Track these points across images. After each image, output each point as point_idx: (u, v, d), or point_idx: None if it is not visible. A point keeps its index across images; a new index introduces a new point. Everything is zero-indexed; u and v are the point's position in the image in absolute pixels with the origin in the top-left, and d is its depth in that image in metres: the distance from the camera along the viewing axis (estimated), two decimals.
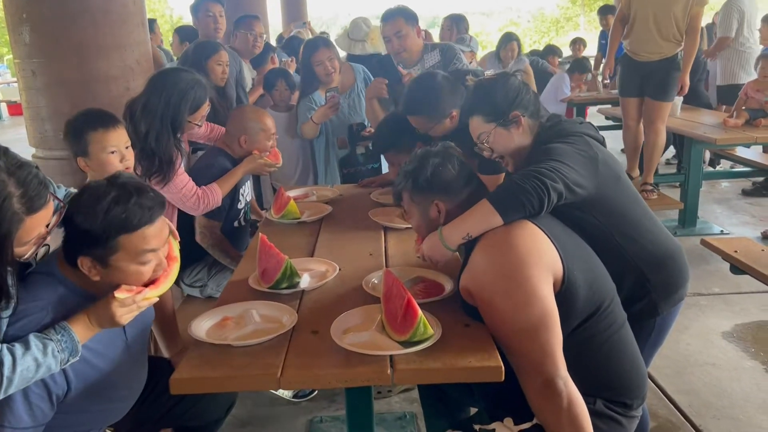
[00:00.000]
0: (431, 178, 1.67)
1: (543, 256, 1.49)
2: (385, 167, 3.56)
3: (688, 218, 4.73)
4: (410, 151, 2.51)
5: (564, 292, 1.49)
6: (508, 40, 6.42)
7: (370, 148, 3.53)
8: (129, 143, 2.11)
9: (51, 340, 1.39)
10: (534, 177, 1.57)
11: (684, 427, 2.54)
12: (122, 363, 1.61)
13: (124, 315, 1.48)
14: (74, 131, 2.06)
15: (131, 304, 1.48)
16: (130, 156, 2.10)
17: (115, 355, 1.59)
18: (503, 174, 2.32)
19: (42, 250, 1.56)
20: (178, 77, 2.46)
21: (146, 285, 1.53)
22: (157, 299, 1.56)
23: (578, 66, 6.87)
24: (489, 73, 1.90)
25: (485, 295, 1.49)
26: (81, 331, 1.44)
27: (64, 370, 1.45)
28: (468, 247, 1.61)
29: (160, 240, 1.50)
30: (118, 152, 2.05)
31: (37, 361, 1.36)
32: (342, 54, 5.10)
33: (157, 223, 1.48)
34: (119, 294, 1.46)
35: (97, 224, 1.41)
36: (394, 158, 2.65)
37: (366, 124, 3.49)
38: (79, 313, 1.46)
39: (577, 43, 8.36)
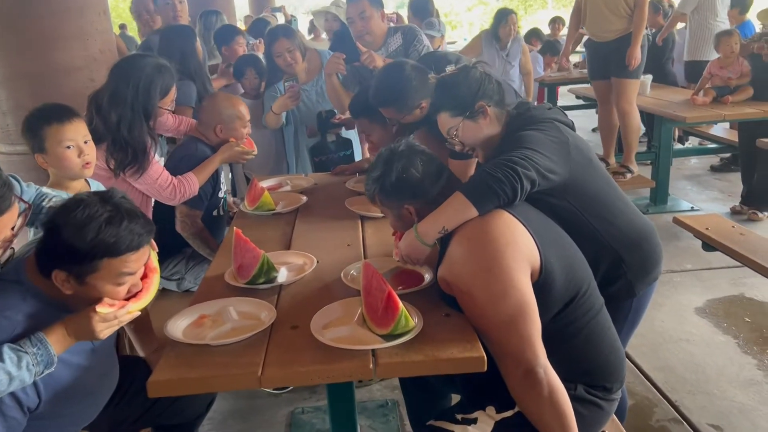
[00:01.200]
0: (396, 183, 1.65)
1: (520, 246, 1.49)
2: (357, 154, 3.52)
3: (659, 196, 4.80)
4: (384, 124, 2.49)
5: (542, 282, 1.49)
6: (506, 14, 5.37)
7: (341, 135, 3.49)
8: (88, 137, 2.03)
9: (26, 353, 1.34)
10: (506, 166, 1.56)
11: (660, 403, 2.59)
12: (90, 366, 1.57)
13: (105, 330, 1.44)
14: (30, 127, 1.99)
15: (112, 319, 1.44)
16: (90, 150, 2.02)
17: (81, 360, 1.54)
18: (475, 160, 2.31)
19: (7, 253, 1.51)
20: (144, 62, 2.40)
21: (127, 298, 1.50)
22: (139, 313, 1.53)
23: (550, 48, 6.84)
24: (450, 68, 1.88)
25: (463, 286, 1.48)
26: (57, 342, 1.40)
27: (34, 383, 1.41)
28: (445, 238, 1.60)
29: (140, 264, 1.48)
30: (75, 147, 1.97)
31: (10, 374, 1.32)
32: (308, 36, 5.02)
33: (142, 250, 1.45)
34: (101, 308, 1.42)
35: (85, 244, 1.37)
36: (368, 127, 2.62)
37: (336, 111, 3.44)
38: (55, 325, 1.42)
39: (556, 22, 8.31)
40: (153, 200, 2.52)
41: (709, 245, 3.13)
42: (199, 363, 1.42)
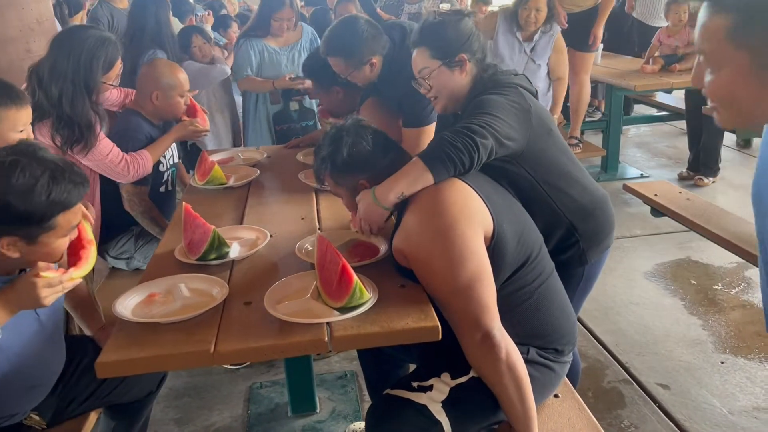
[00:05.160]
0: (348, 159, 1.63)
1: (474, 212, 1.49)
2: (319, 125, 3.48)
3: (610, 163, 4.90)
4: (327, 90, 2.46)
5: (494, 246, 1.50)
6: None
7: (304, 104, 3.44)
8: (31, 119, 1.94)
9: None
10: (465, 134, 1.56)
11: (612, 365, 2.67)
12: (37, 343, 1.53)
13: (50, 296, 1.42)
14: None
15: (57, 284, 1.43)
16: (30, 133, 1.94)
17: (28, 336, 1.50)
18: (428, 127, 2.30)
19: None
20: (86, 34, 2.29)
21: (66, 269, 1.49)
22: (81, 280, 1.51)
23: None
24: (445, 6, 1.85)
25: (421, 255, 1.48)
26: None
27: None
28: (399, 210, 1.59)
29: (80, 214, 1.51)
30: (25, 131, 1.88)
31: None
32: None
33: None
34: (46, 273, 1.40)
35: (41, 205, 1.36)
36: (310, 91, 2.61)
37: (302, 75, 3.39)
38: None
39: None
40: (99, 178, 2.44)
41: (658, 211, 3.22)
42: (149, 342, 1.38)
